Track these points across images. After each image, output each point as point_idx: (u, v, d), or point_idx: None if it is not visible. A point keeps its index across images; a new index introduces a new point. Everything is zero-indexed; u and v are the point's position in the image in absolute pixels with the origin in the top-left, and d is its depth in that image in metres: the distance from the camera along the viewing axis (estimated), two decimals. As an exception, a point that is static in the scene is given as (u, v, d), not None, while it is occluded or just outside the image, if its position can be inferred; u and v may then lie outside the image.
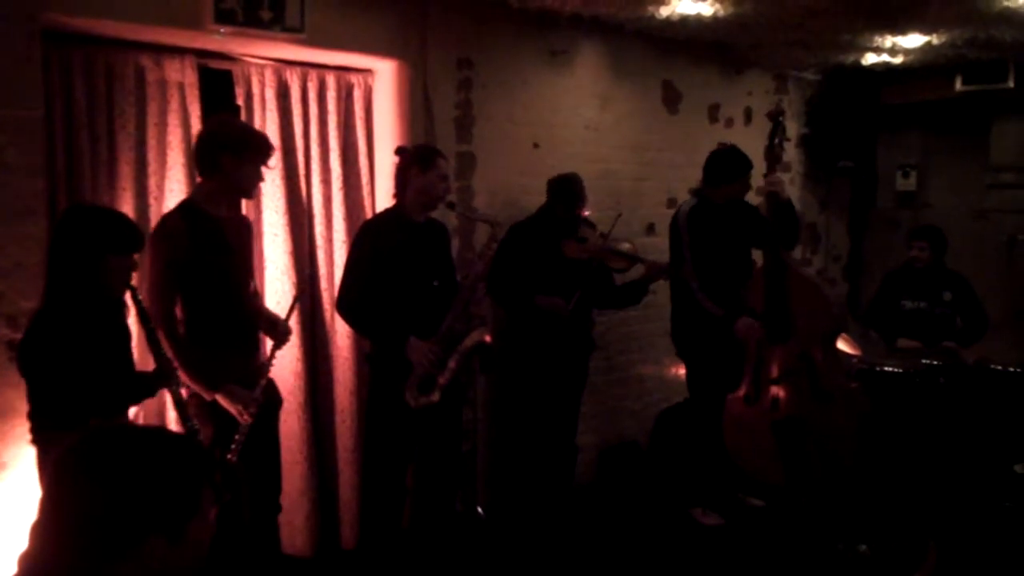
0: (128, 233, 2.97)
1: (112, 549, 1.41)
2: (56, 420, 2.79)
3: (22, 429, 3.21)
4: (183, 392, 3.17)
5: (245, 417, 3.30)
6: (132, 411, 3.27)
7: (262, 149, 3.44)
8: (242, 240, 3.60)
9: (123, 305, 3.06)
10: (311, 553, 4.29)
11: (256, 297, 3.77)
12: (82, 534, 1.42)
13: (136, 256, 2.99)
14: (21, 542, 1.48)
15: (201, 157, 3.41)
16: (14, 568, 1.47)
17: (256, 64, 4.10)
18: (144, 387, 3.14)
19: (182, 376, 3.20)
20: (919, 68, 6.67)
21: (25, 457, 3.21)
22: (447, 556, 4.25)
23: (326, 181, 4.33)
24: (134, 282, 3.03)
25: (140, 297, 3.03)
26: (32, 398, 2.89)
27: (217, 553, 1.78)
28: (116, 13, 3.43)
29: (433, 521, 4.21)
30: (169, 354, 3.15)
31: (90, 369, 2.84)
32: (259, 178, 3.51)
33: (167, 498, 1.46)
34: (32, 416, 2.92)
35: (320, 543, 4.35)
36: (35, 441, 2.94)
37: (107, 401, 2.94)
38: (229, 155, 3.35)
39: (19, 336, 3.19)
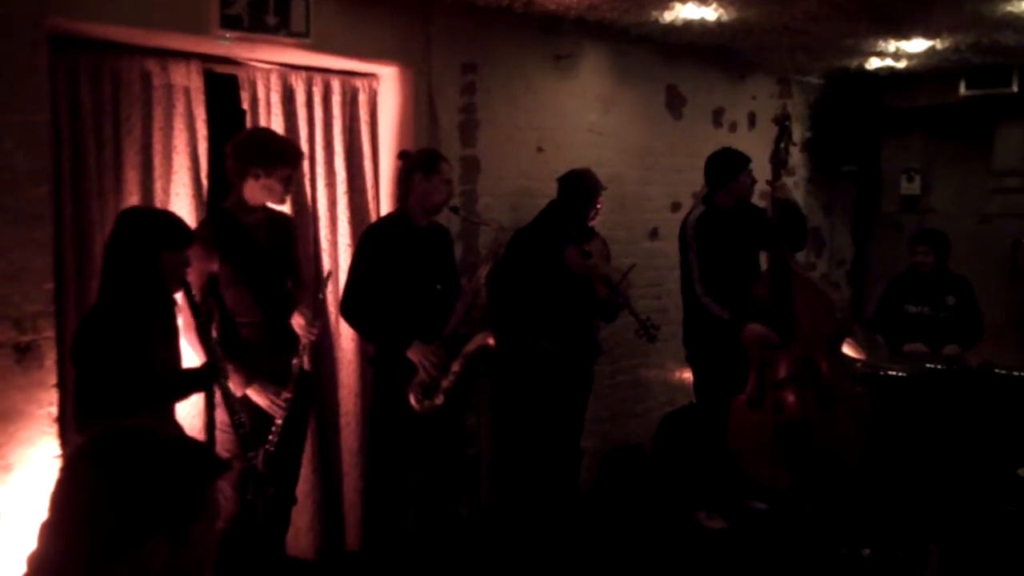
0: (180, 229, 3.08)
1: (115, 548, 1.43)
2: (105, 414, 2.82)
3: (27, 432, 3.23)
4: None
5: (278, 413, 3.36)
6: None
7: (290, 159, 3.54)
8: (277, 239, 3.67)
9: (174, 303, 3.13)
10: (315, 555, 4.30)
11: (296, 291, 3.80)
12: (88, 533, 1.43)
13: (188, 252, 3.07)
14: (30, 543, 1.49)
15: (232, 167, 3.51)
16: (23, 568, 1.48)
17: (261, 69, 4.12)
18: (194, 382, 3.22)
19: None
20: (923, 72, 6.67)
21: (31, 459, 3.23)
22: (451, 559, 4.26)
23: (331, 185, 4.35)
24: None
25: (193, 293, 3.09)
26: (82, 391, 2.93)
27: (230, 543, 1.82)
28: (122, 18, 3.45)
29: (437, 524, 4.22)
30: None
31: (142, 364, 2.92)
32: (288, 185, 3.58)
33: (171, 499, 1.47)
34: (79, 410, 2.96)
35: (324, 546, 4.36)
36: (80, 434, 2.98)
37: (157, 396, 3.02)
38: (261, 167, 3.45)
39: (25, 339, 3.22)
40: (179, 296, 3.16)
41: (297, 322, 3.67)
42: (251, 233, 3.53)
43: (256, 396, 3.46)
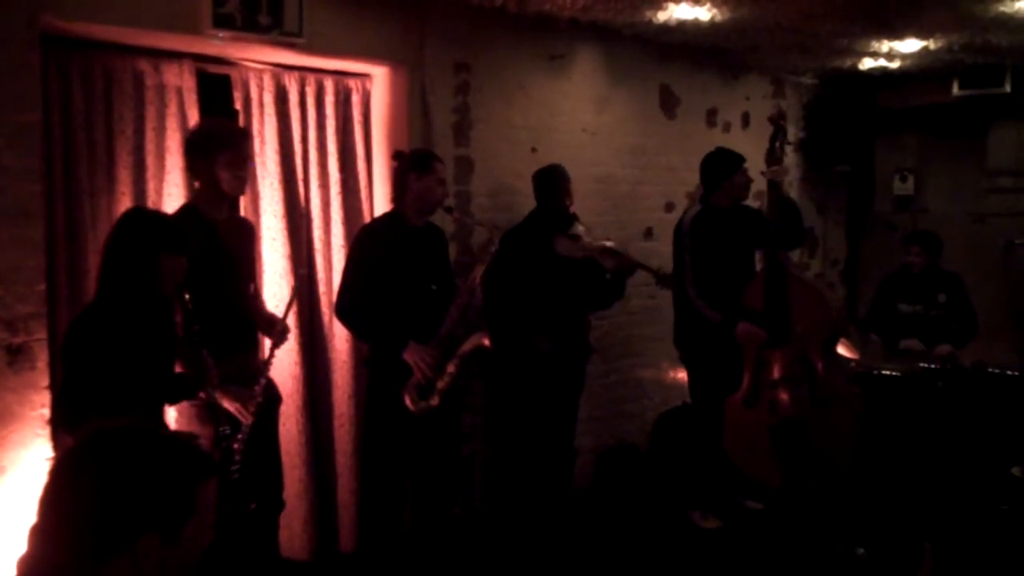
0: (181, 235, 3.05)
1: (107, 549, 1.42)
2: (90, 412, 2.79)
3: (20, 434, 3.22)
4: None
5: (246, 416, 3.32)
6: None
7: (228, 142, 3.42)
8: (240, 242, 3.61)
9: (171, 306, 3.10)
10: (309, 557, 4.28)
11: (256, 298, 3.78)
12: (78, 534, 1.42)
13: (186, 258, 3.04)
14: (20, 546, 1.48)
15: (187, 162, 3.49)
16: (14, 571, 1.47)
17: (254, 69, 4.10)
18: (182, 388, 3.21)
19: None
20: (916, 72, 6.69)
21: (24, 461, 3.21)
22: (446, 560, 4.25)
23: (324, 185, 4.34)
24: None
25: (187, 298, 3.07)
26: (68, 387, 2.91)
27: (219, 551, 1.81)
28: (114, 17, 3.43)
29: (432, 525, 4.21)
30: None
31: (132, 364, 2.90)
32: (237, 175, 3.44)
33: (163, 499, 1.46)
34: (63, 406, 2.94)
35: (318, 547, 4.34)
36: (63, 429, 2.97)
37: (144, 398, 2.99)
38: (201, 158, 3.39)
39: (17, 341, 3.20)
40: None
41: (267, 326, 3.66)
42: (218, 231, 3.47)
43: (224, 401, 3.34)
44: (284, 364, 4.16)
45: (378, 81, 4.54)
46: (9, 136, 3.17)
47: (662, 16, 4.96)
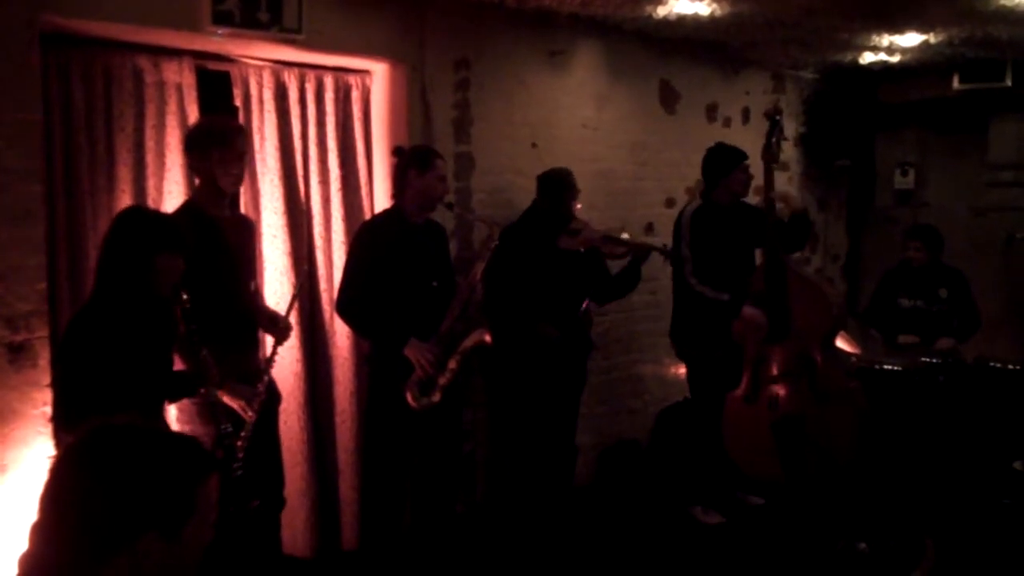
0: (178, 235, 3.04)
1: (108, 547, 1.42)
2: (91, 411, 2.78)
3: (22, 432, 3.22)
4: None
5: (249, 414, 3.33)
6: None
7: (221, 138, 3.44)
8: (241, 239, 3.62)
9: (168, 306, 3.10)
10: (312, 554, 4.29)
11: (257, 296, 3.78)
12: (79, 532, 1.42)
13: (183, 257, 3.03)
14: (22, 543, 1.48)
15: (187, 159, 3.54)
16: (15, 569, 1.48)
17: (254, 65, 4.10)
18: (182, 386, 3.21)
19: None
20: (916, 67, 6.68)
21: (25, 459, 3.21)
22: (448, 557, 4.25)
23: (324, 182, 4.34)
24: None
25: (185, 298, 3.06)
26: (67, 388, 2.91)
27: (220, 549, 1.82)
28: (114, 15, 3.43)
29: (434, 522, 4.21)
30: None
31: (130, 363, 2.90)
32: (231, 171, 3.46)
33: (164, 497, 1.47)
34: (64, 407, 2.94)
35: (321, 544, 4.35)
36: (65, 431, 2.97)
37: (143, 396, 2.98)
38: (198, 155, 3.42)
39: (18, 339, 3.20)
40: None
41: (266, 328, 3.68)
42: (219, 227, 3.48)
43: (228, 399, 3.36)
44: (285, 361, 4.15)
45: (378, 77, 4.53)
46: (10, 136, 3.16)
47: (662, 11, 4.95)
